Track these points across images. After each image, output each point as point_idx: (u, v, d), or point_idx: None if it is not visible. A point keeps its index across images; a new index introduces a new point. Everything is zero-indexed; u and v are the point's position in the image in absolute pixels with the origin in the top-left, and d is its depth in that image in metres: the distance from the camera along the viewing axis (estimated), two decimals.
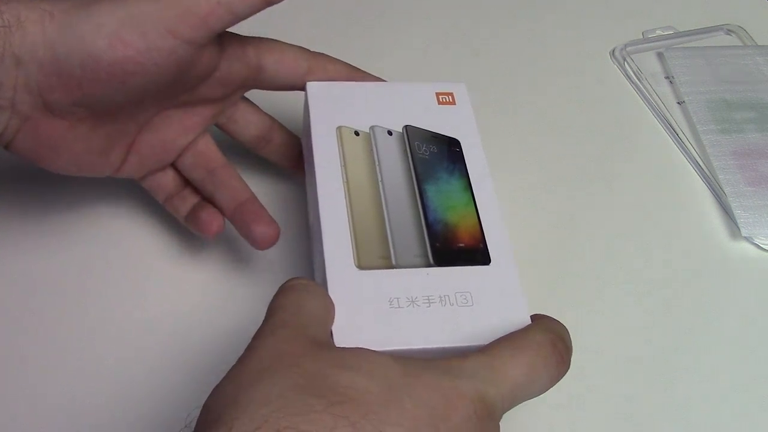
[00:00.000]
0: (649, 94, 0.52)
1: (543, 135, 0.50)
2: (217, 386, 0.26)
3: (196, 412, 0.25)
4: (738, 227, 0.45)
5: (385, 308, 0.31)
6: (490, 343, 0.29)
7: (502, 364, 0.28)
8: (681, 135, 0.50)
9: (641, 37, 0.56)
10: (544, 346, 0.29)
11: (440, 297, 0.32)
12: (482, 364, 0.28)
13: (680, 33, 0.57)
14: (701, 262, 0.44)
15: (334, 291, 0.31)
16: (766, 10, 0.59)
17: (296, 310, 0.29)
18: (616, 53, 0.55)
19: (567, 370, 0.30)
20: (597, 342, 0.40)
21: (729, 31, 0.57)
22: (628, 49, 0.55)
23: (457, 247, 0.33)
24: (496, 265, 0.33)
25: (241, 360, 0.26)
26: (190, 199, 0.40)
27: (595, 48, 0.56)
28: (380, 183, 0.35)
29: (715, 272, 0.44)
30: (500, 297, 0.32)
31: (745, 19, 0.57)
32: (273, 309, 0.29)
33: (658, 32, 0.56)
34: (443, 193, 0.35)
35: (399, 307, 0.31)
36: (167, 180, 0.40)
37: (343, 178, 0.35)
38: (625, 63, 0.54)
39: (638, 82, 0.53)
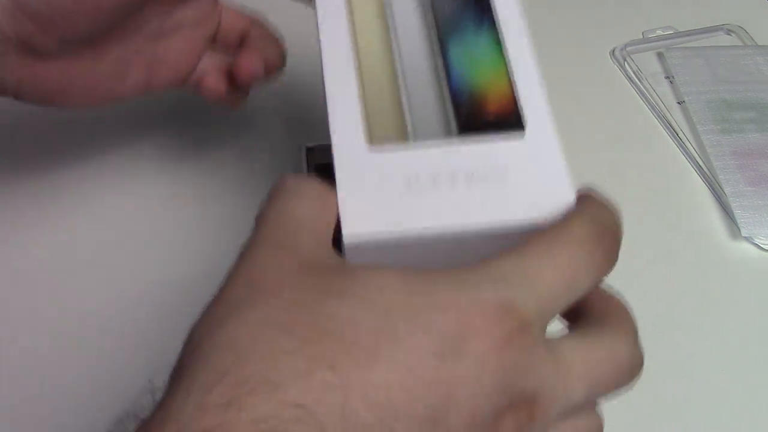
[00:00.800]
0: (649, 94, 0.52)
1: None
2: (192, 326, 0.22)
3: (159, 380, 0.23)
4: (738, 227, 0.45)
5: (401, 189, 0.26)
6: (522, 242, 0.24)
7: (537, 264, 0.23)
8: (681, 135, 0.50)
9: (641, 37, 0.56)
10: (587, 241, 0.24)
11: (466, 173, 0.26)
12: (512, 266, 0.23)
13: (680, 33, 0.57)
14: (701, 262, 0.44)
15: (342, 174, 0.26)
16: (766, 10, 0.59)
17: (282, 221, 0.24)
18: (616, 53, 0.55)
19: (613, 267, 0.25)
20: None
21: (729, 31, 0.57)
22: (628, 49, 0.55)
23: (485, 112, 0.28)
24: (532, 133, 0.28)
25: (218, 292, 0.22)
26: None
27: (595, 48, 0.55)
28: (394, 44, 0.30)
29: (715, 272, 0.44)
30: (538, 170, 0.27)
31: (745, 19, 0.57)
32: (257, 222, 0.24)
33: (658, 32, 0.56)
34: (469, 50, 0.30)
35: (418, 187, 0.26)
36: (207, 64, 0.38)
37: (351, 44, 0.29)
38: (625, 63, 0.54)
39: (638, 82, 0.53)
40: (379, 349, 0.20)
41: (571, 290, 0.23)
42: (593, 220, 0.24)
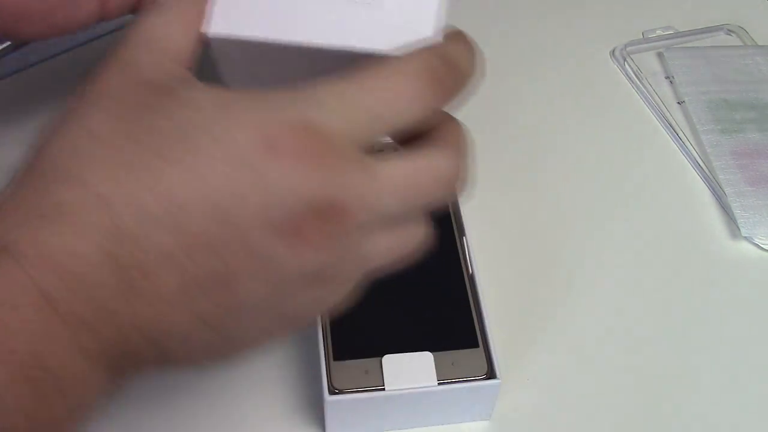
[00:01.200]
0: (649, 94, 0.52)
1: (542, 135, 0.50)
2: (43, 131, 0.25)
3: None
4: (738, 227, 0.45)
5: None
6: (356, 71, 0.25)
7: (358, 88, 0.24)
8: (681, 135, 0.50)
9: (641, 37, 0.56)
10: (418, 73, 0.25)
11: None
12: (331, 89, 0.24)
13: (680, 33, 0.57)
14: (701, 262, 0.44)
15: None
16: (766, 10, 0.59)
17: (141, 38, 0.26)
18: (616, 53, 0.55)
19: (447, 99, 0.26)
20: (595, 342, 0.40)
21: (729, 31, 0.57)
22: (628, 49, 0.55)
23: None
24: None
25: (73, 104, 0.25)
26: None
27: (595, 48, 0.55)
28: None
29: (715, 272, 0.44)
30: (412, 5, 0.27)
31: (745, 19, 0.57)
32: (123, 35, 0.26)
33: (658, 32, 0.56)
34: None
35: None
36: None
37: None
38: (625, 63, 0.54)
39: (638, 82, 0.53)
40: (179, 158, 0.23)
41: (391, 116, 0.24)
42: (441, 57, 0.25)
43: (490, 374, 0.34)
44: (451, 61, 0.26)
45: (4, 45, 0.50)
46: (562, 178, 0.48)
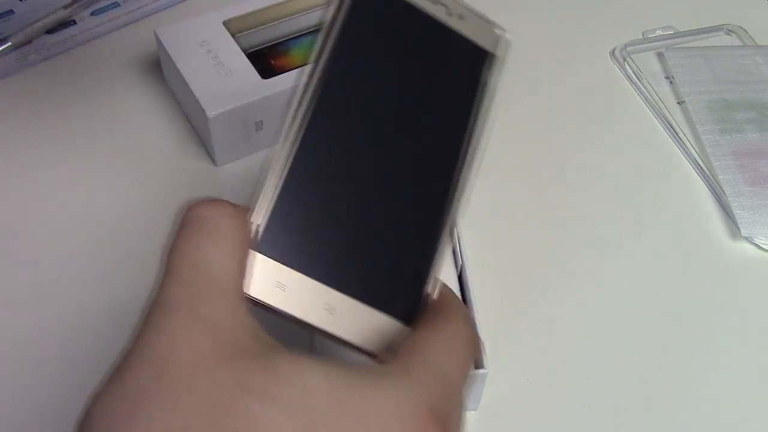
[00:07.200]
0: (649, 94, 0.52)
1: (542, 135, 0.50)
2: (90, 409, 0.19)
3: None
4: (738, 227, 0.45)
5: None
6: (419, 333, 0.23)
7: (447, 367, 0.23)
8: (681, 135, 0.50)
9: (641, 37, 0.56)
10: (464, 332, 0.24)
11: None
12: (427, 370, 0.22)
13: (680, 33, 0.57)
14: (701, 262, 0.44)
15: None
16: (766, 10, 0.59)
17: (194, 274, 0.21)
18: (616, 53, 0.55)
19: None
20: (595, 342, 0.40)
21: (729, 31, 0.57)
22: (628, 49, 0.55)
23: None
24: None
25: (122, 369, 0.20)
26: None
27: (595, 48, 0.55)
28: None
29: (715, 272, 0.44)
30: None
31: (745, 19, 0.57)
32: (167, 269, 0.21)
33: (658, 32, 0.56)
34: None
35: None
36: None
37: None
38: (625, 63, 0.54)
39: (638, 82, 0.53)
40: None
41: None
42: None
43: (478, 364, 0.34)
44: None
45: (5, 45, 0.50)
46: (562, 178, 0.48)
